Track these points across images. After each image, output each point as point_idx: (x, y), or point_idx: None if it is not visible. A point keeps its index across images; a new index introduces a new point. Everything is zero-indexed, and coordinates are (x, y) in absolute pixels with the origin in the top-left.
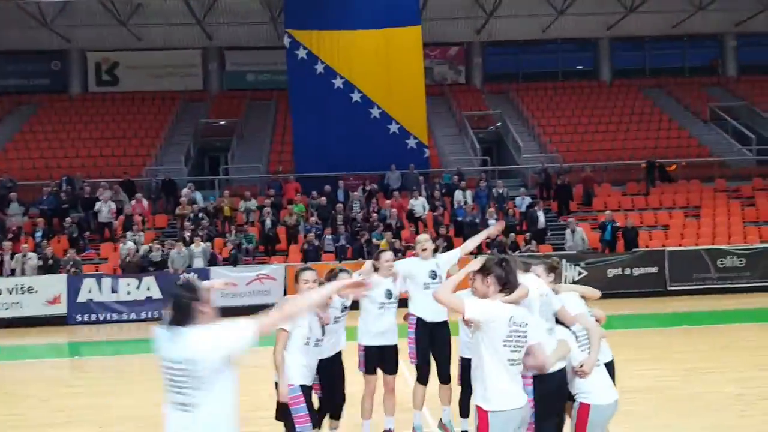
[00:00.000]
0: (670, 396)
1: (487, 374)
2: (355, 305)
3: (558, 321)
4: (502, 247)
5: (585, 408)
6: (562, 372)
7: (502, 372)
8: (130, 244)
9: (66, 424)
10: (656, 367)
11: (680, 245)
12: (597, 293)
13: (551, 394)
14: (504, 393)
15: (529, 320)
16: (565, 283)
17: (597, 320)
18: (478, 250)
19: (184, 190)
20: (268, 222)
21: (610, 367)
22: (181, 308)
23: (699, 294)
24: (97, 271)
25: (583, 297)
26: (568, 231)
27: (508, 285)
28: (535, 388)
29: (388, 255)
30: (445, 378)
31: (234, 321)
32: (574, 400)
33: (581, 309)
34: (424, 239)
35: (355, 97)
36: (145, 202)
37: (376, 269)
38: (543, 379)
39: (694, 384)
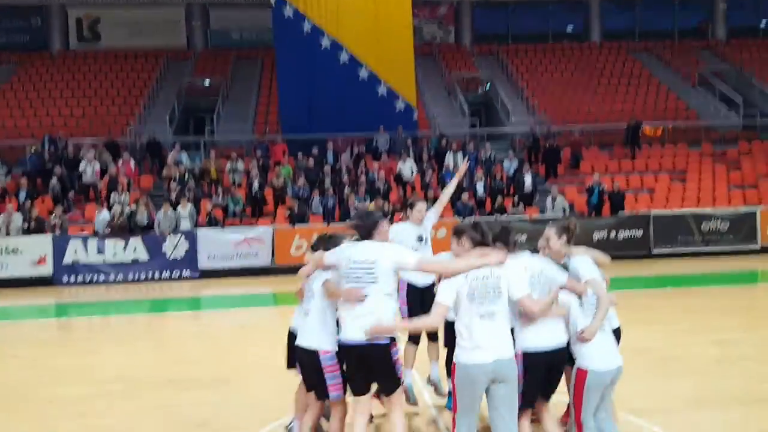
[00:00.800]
0: (652, 358)
1: (459, 330)
2: None
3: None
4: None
5: (582, 373)
6: (554, 352)
7: (475, 326)
8: (105, 214)
9: (56, 383)
10: (639, 330)
11: (665, 209)
12: (608, 258)
13: (538, 369)
14: (476, 348)
15: (499, 273)
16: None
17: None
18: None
19: (171, 152)
20: (255, 184)
21: (616, 333)
22: (367, 228)
23: (683, 257)
24: (82, 231)
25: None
26: (549, 198)
27: (481, 245)
28: (524, 364)
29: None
30: (433, 337)
31: (404, 250)
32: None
33: (594, 274)
34: (423, 207)
35: (343, 57)
36: (132, 163)
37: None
38: (531, 356)
39: (677, 346)
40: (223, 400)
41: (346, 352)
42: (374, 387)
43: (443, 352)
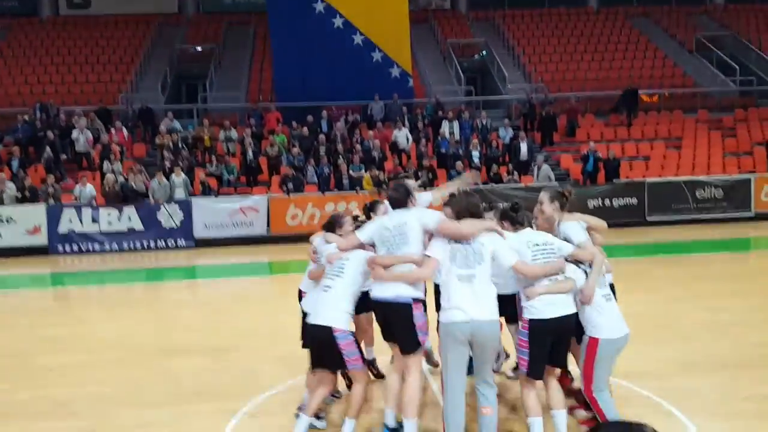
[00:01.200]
0: (643, 323)
1: (442, 289)
2: None
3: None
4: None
5: (594, 342)
6: (559, 319)
7: (455, 287)
8: (89, 188)
9: (54, 352)
10: (633, 296)
11: (660, 176)
12: (603, 224)
13: (543, 338)
14: (454, 308)
15: (483, 241)
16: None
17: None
18: None
19: (165, 120)
20: (249, 152)
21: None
22: (402, 199)
23: (677, 224)
24: (76, 200)
25: (591, 228)
26: (534, 166)
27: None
28: (529, 329)
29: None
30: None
31: (429, 210)
32: (581, 336)
33: (583, 237)
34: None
35: (337, 22)
36: (124, 132)
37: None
38: (537, 323)
39: (668, 312)
40: (220, 368)
41: (374, 308)
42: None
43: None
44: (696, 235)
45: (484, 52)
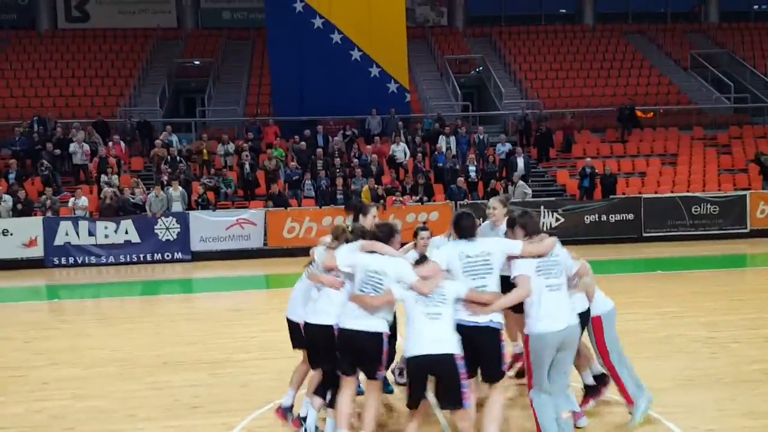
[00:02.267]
0: (642, 339)
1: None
2: None
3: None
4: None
5: (597, 319)
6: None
7: (547, 297)
8: (83, 200)
9: (49, 366)
10: (630, 311)
11: (656, 192)
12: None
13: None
14: (549, 317)
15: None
16: (544, 229)
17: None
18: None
19: (163, 134)
20: (247, 166)
21: (584, 316)
22: (471, 229)
23: (673, 240)
24: (74, 213)
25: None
26: (510, 182)
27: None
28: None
29: (425, 233)
30: None
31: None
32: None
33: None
34: (426, 235)
35: (336, 38)
36: (122, 145)
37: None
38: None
39: (667, 327)
40: (217, 382)
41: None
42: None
43: None
44: (692, 252)
45: (480, 68)
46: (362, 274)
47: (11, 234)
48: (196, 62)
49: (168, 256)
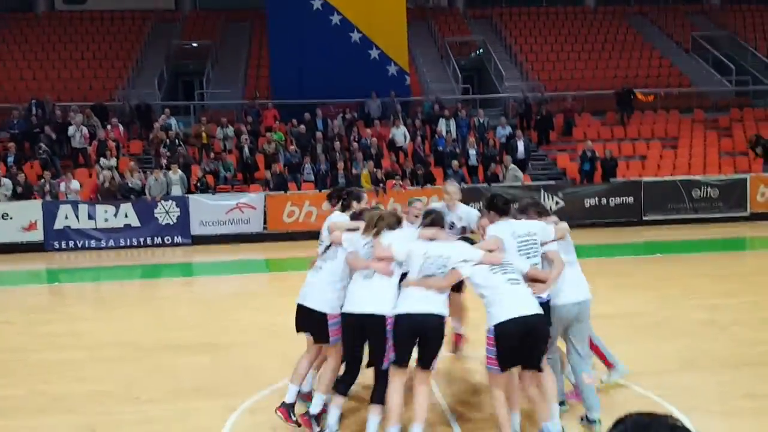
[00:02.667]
0: (643, 322)
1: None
2: None
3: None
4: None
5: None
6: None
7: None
8: (74, 183)
9: (50, 349)
10: (630, 294)
11: (656, 176)
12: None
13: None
14: (567, 290)
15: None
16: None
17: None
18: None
19: (161, 117)
20: (246, 150)
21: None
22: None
23: (673, 224)
24: (66, 198)
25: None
26: (502, 166)
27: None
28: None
29: (419, 204)
30: None
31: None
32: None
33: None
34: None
35: (335, 19)
36: (121, 128)
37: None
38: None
39: (667, 310)
40: (219, 364)
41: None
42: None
43: None
44: (692, 235)
45: (480, 50)
46: (421, 260)
47: (11, 218)
48: (194, 44)
49: (168, 239)
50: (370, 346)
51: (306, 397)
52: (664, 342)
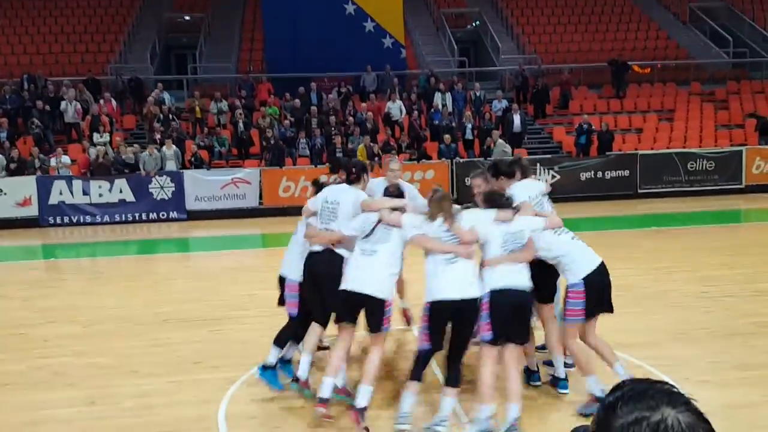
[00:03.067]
0: (637, 294)
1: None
2: None
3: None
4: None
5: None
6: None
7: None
8: (65, 158)
9: (48, 324)
10: (625, 267)
11: (653, 149)
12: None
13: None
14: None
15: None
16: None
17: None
18: None
19: (154, 91)
20: (241, 124)
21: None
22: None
23: (669, 197)
24: (58, 173)
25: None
26: (492, 141)
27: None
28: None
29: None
30: None
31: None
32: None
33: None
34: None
35: None
36: (113, 103)
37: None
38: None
39: (661, 282)
40: (217, 339)
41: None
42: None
43: None
44: (687, 208)
45: (476, 22)
46: (503, 238)
47: (5, 193)
48: (187, 17)
49: (163, 215)
50: (454, 331)
51: (341, 392)
52: (657, 314)
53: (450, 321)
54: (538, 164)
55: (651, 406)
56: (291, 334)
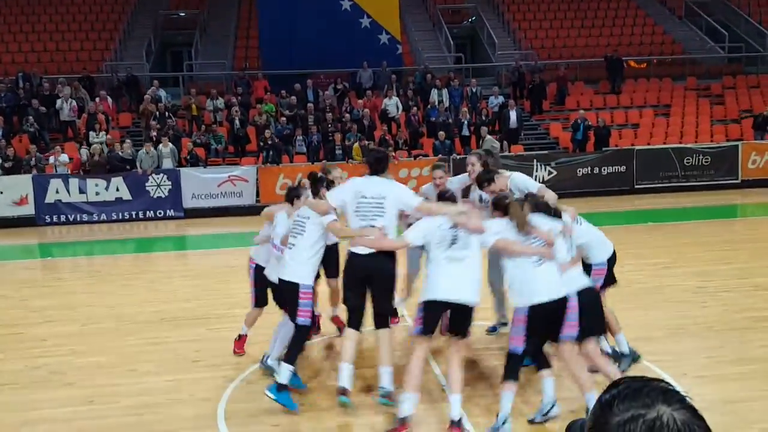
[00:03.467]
0: (634, 289)
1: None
2: None
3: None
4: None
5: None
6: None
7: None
8: (63, 157)
9: (45, 323)
10: (622, 263)
11: (649, 144)
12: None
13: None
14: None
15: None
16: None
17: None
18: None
19: (151, 89)
20: (237, 121)
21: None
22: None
23: (665, 192)
24: (55, 171)
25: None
26: (480, 139)
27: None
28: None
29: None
30: None
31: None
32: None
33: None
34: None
35: None
36: (109, 100)
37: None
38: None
39: (658, 278)
40: (216, 336)
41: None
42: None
43: None
44: (683, 203)
45: (473, 18)
46: (565, 243)
47: (1, 192)
48: (182, 14)
49: (160, 213)
50: (547, 331)
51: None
52: (654, 309)
53: (545, 322)
54: (535, 160)
55: (647, 404)
56: (302, 346)
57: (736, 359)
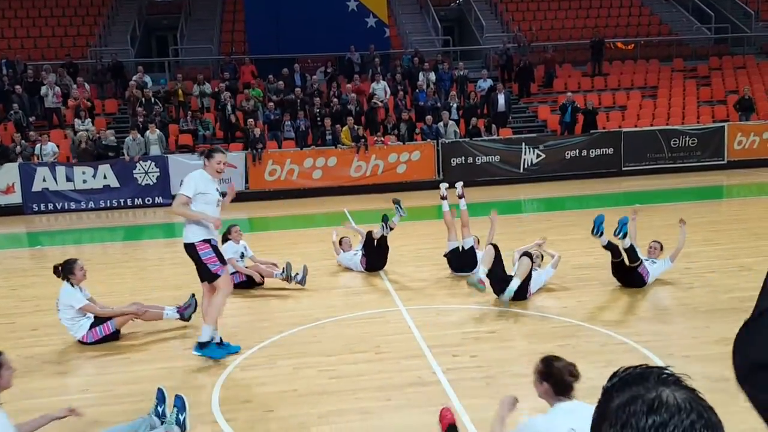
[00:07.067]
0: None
1: None
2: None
3: None
4: None
5: None
6: None
7: None
8: (50, 146)
9: (36, 312)
10: None
11: (636, 125)
12: None
13: None
14: None
15: None
16: (526, 166)
17: None
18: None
19: (137, 75)
20: (229, 107)
21: None
22: None
23: (652, 174)
24: (41, 160)
25: None
26: (441, 124)
27: None
28: None
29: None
30: None
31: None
32: None
33: None
34: (222, 158)
35: None
36: (86, 87)
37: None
38: None
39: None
40: None
41: None
42: None
43: None
44: (670, 184)
45: (460, 0)
46: None
47: None
48: None
49: (148, 200)
50: None
51: None
52: (640, 290)
53: None
54: (523, 143)
55: (647, 387)
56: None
57: (720, 339)
